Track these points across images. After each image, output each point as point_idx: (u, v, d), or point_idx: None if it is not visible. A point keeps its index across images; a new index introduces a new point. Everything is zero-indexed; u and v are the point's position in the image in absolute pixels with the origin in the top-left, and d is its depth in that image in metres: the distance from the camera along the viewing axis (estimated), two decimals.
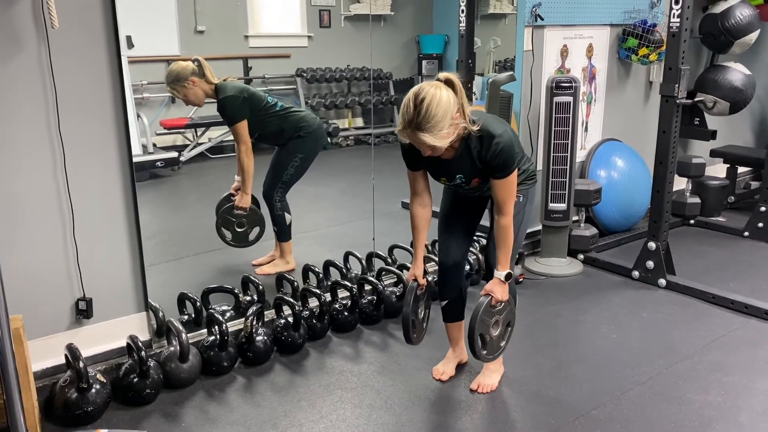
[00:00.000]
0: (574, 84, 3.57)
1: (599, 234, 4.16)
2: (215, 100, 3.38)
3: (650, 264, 3.56)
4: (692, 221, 4.61)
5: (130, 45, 5.64)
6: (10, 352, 2.12)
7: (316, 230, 4.52)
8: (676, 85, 3.28)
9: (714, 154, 4.88)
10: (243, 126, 3.36)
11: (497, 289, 2.38)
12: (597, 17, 4.02)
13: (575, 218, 3.95)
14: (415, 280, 2.50)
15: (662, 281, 3.53)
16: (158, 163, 5.44)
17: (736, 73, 4.43)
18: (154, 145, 5.73)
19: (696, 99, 4.44)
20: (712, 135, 4.68)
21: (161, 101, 6.01)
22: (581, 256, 3.90)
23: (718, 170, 5.08)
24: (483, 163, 2.27)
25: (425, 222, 2.50)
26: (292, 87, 6.97)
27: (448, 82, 2.15)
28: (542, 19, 3.67)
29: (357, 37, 7.59)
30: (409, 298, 2.47)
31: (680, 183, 4.63)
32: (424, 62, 7.85)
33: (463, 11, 4.04)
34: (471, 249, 3.54)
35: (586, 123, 4.19)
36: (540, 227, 3.88)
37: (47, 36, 2.27)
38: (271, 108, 3.45)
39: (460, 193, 2.53)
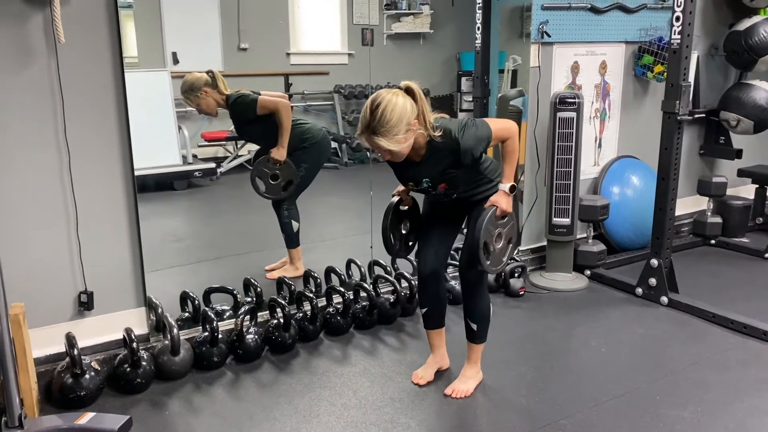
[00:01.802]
0: (577, 100, 3.60)
1: (611, 251, 4.16)
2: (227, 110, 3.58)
3: (653, 281, 3.53)
4: (713, 241, 4.51)
5: (176, 61, 5.95)
6: (8, 335, 2.33)
7: (333, 239, 4.67)
8: (677, 102, 3.27)
9: (741, 173, 4.76)
10: (263, 99, 3.50)
11: (502, 200, 2.43)
12: (610, 35, 4.03)
13: (584, 234, 3.95)
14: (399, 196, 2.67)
15: (664, 299, 3.49)
16: (196, 173, 5.70)
17: (761, 91, 4.34)
18: (195, 156, 6.01)
19: (697, 115, 4.38)
20: (737, 154, 4.58)
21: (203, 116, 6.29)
22: (588, 272, 3.89)
23: (749, 191, 4.95)
24: (460, 163, 2.34)
25: None
26: (329, 103, 7.19)
27: (408, 90, 2.25)
28: (549, 36, 3.72)
29: (398, 54, 7.79)
30: (387, 212, 2.62)
31: (703, 202, 4.57)
32: (462, 79, 7.94)
33: (478, 28, 4.14)
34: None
35: (600, 139, 4.19)
36: (545, 242, 3.91)
37: (56, 49, 2.50)
38: None
39: (432, 198, 2.61)
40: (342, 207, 5.27)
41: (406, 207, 2.69)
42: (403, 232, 2.72)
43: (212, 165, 5.76)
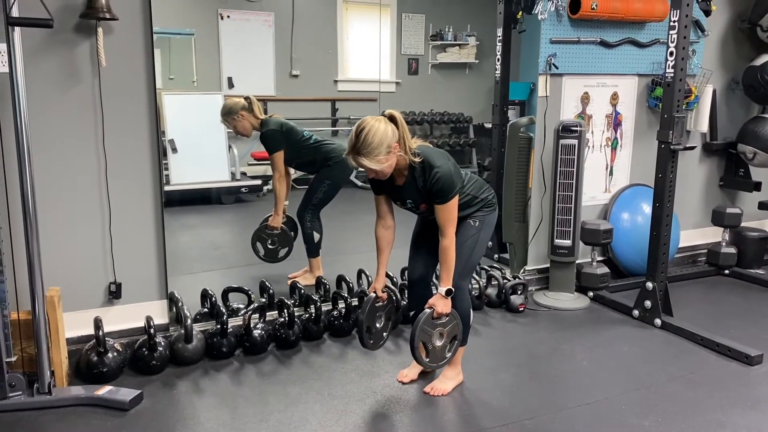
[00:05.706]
0: (579, 128, 3.80)
1: (620, 275, 4.30)
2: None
3: (648, 303, 3.66)
4: (727, 271, 4.56)
5: (231, 85, 6.46)
6: (43, 314, 2.73)
7: (359, 253, 4.96)
8: (671, 132, 3.44)
9: (763, 206, 4.79)
10: (279, 156, 3.89)
11: (439, 303, 2.69)
12: (622, 67, 4.21)
13: (589, 257, 4.11)
14: (375, 292, 2.87)
15: (658, 321, 3.61)
16: (243, 189, 6.15)
17: None
18: (243, 173, 6.46)
19: (688, 146, 4.48)
20: (756, 186, 4.64)
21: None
22: (591, 293, 4.04)
23: None
24: (426, 190, 2.62)
25: (387, 243, 2.87)
26: None
27: (391, 118, 2.54)
28: (557, 68, 3.94)
29: (442, 83, 8.13)
30: (365, 308, 2.84)
31: (718, 233, 4.64)
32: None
33: (498, 59, 4.40)
34: (474, 276, 3.85)
35: (611, 167, 4.35)
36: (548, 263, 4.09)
37: (99, 72, 2.92)
38: (306, 141, 3.99)
39: (419, 215, 2.88)
40: (371, 223, 5.56)
41: (381, 303, 2.92)
42: (378, 326, 2.94)
43: (258, 182, 6.20)
